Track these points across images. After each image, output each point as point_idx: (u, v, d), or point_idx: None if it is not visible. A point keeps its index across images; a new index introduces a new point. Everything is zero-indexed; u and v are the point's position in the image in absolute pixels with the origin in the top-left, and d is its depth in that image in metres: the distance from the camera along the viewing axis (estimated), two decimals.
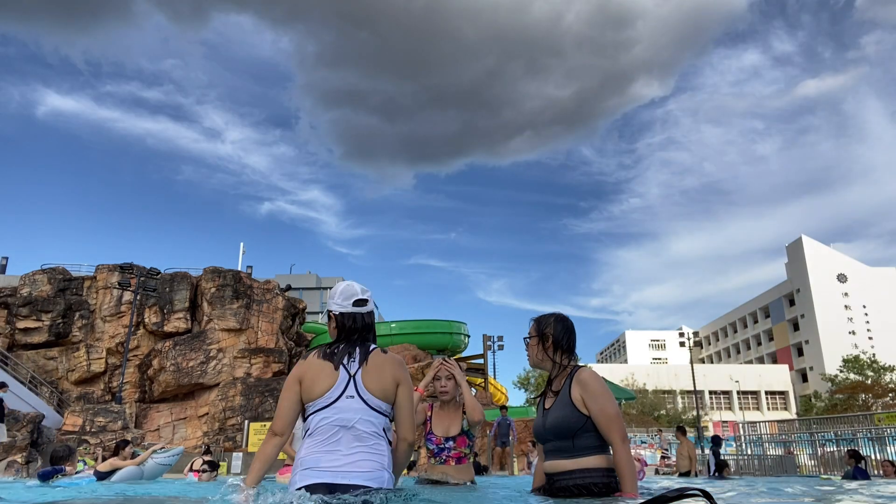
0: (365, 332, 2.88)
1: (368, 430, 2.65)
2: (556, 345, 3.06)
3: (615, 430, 2.74)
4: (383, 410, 2.71)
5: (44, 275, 30.42)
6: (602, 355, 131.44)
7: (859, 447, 17.87)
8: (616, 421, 2.76)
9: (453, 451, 4.08)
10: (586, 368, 2.95)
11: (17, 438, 20.29)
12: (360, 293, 2.92)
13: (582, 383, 2.84)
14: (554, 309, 55.41)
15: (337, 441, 2.62)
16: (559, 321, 3.14)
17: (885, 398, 50.87)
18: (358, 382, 2.70)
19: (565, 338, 3.08)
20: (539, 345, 3.09)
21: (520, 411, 34.80)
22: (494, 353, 41.82)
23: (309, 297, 68.29)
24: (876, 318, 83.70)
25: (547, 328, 3.10)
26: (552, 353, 3.05)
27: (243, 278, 32.64)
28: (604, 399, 2.79)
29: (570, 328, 3.13)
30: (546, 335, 3.09)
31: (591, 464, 2.76)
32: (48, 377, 28.49)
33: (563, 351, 3.05)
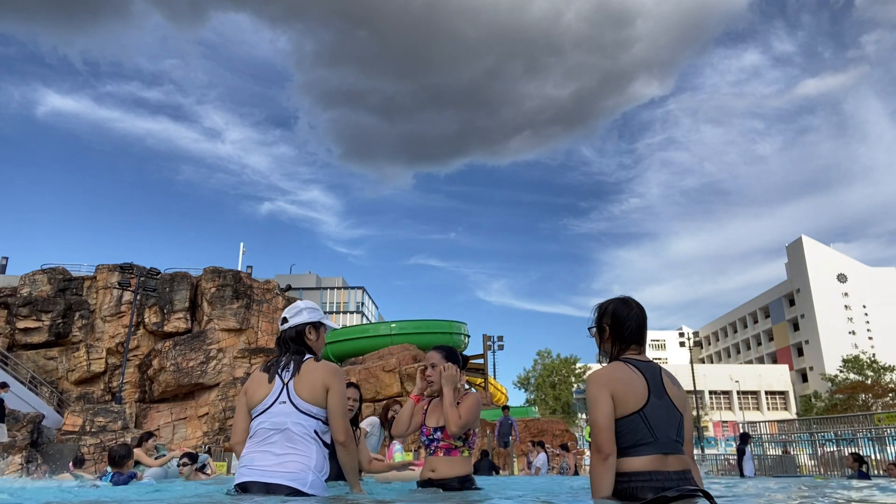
0: (296, 344, 3.18)
1: (300, 432, 2.90)
2: (613, 336, 2.74)
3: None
4: (314, 414, 2.96)
5: (44, 275, 30.42)
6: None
7: (859, 447, 17.88)
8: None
9: (441, 441, 3.86)
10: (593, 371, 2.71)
11: (17, 438, 20.28)
12: (286, 311, 3.30)
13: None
14: (554, 308, 54.64)
15: (272, 443, 2.89)
16: (619, 307, 2.78)
17: (885, 398, 50.85)
18: (290, 389, 2.98)
19: (620, 328, 2.74)
20: (597, 336, 2.82)
21: (520, 411, 34.81)
22: (494, 353, 41.83)
23: (309, 297, 68.28)
24: (876, 318, 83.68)
25: (605, 318, 2.78)
26: (610, 347, 2.76)
27: (243, 278, 32.64)
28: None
29: (629, 317, 2.74)
30: (602, 326, 2.79)
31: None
32: (48, 377, 28.48)
33: (620, 343, 2.73)
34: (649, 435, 2.48)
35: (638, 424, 2.49)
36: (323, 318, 3.34)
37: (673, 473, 2.46)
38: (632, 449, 2.49)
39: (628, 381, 2.54)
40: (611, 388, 2.52)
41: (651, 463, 2.46)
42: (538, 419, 29.52)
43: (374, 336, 32.72)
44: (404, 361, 26.44)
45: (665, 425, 2.52)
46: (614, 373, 2.58)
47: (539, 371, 66.93)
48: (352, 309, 77.33)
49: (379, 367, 26.27)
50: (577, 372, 65.60)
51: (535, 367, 68.01)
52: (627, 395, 2.51)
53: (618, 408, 2.51)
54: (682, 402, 2.64)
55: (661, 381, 2.61)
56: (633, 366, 2.60)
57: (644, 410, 2.50)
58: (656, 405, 2.53)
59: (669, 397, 2.59)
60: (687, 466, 2.53)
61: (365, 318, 74.48)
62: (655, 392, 2.55)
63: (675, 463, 2.50)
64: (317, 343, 3.28)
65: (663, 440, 2.50)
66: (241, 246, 47.87)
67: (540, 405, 61.57)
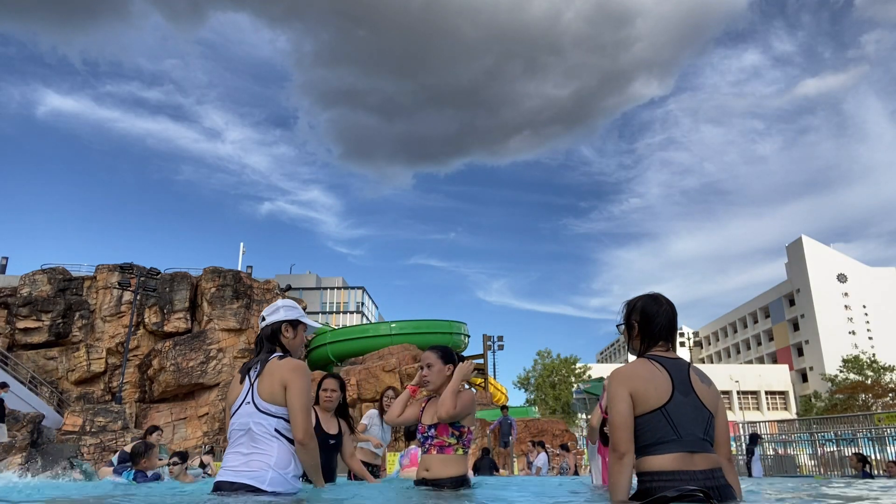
0: (270, 343, 3.20)
1: (261, 431, 2.94)
2: (642, 334, 2.65)
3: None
4: (273, 412, 2.96)
5: (44, 275, 30.42)
6: (602, 355, 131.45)
7: (859, 447, 17.88)
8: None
9: (435, 439, 3.83)
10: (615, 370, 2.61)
11: (17, 438, 20.27)
12: (265, 310, 3.31)
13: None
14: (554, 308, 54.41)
15: (241, 444, 2.96)
16: (648, 303, 2.68)
17: (885, 398, 50.82)
18: (254, 389, 3.02)
19: (649, 325, 2.64)
20: (626, 333, 2.74)
21: (520, 411, 34.81)
22: (494, 353, 41.80)
23: (309, 297, 68.29)
24: (876, 318, 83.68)
25: (633, 314, 2.70)
26: (638, 345, 2.66)
27: (243, 278, 32.64)
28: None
29: (658, 313, 2.64)
30: (631, 323, 2.71)
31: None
32: (48, 377, 28.48)
33: (649, 340, 2.63)
34: (672, 433, 2.38)
35: (660, 422, 2.40)
36: (301, 317, 3.31)
37: (699, 473, 2.34)
38: (653, 447, 2.40)
39: (650, 378, 2.46)
40: (630, 386, 2.45)
41: (675, 462, 2.35)
42: (538, 419, 29.52)
43: (374, 336, 32.73)
44: (404, 361, 26.44)
45: (691, 423, 2.42)
46: (636, 370, 2.50)
47: (539, 371, 66.89)
48: (352, 309, 77.32)
49: (379, 367, 26.28)
50: (577, 372, 65.57)
51: (535, 367, 67.98)
52: (648, 391, 2.42)
53: (638, 405, 2.42)
54: (713, 400, 2.53)
55: (689, 378, 2.50)
56: (657, 363, 2.51)
57: (666, 407, 2.40)
58: (681, 402, 2.43)
59: (697, 395, 2.48)
60: (716, 465, 2.41)
61: (365, 318, 74.48)
62: (680, 389, 2.45)
63: (702, 462, 2.38)
64: (294, 341, 3.25)
65: (688, 438, 2.39)
66: (241, 246, 47.85)
67: (540, 405, 61.52)
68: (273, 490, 2.84)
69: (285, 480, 2.90)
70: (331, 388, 5.12)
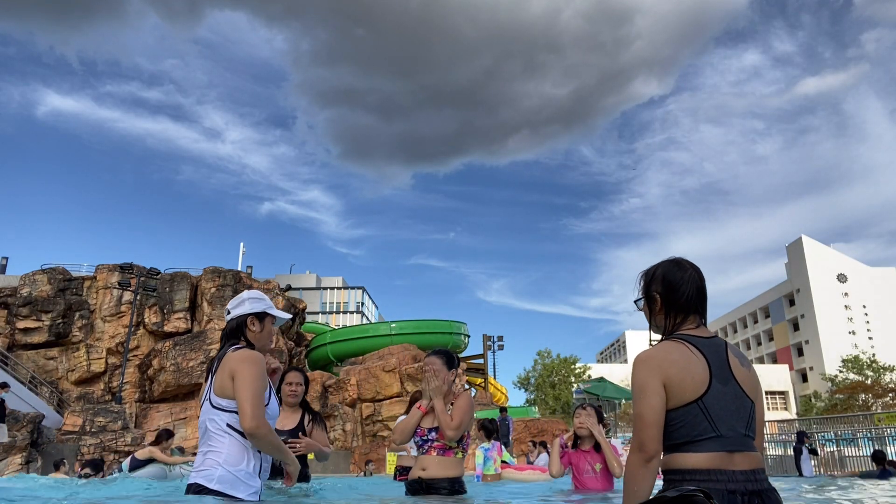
0: (233, 338, 3.09)
1: (213, 428, 2.87)
2: (666, 307, 2.23)
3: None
4: (224, 406, 2.88)
5: (44, 275, 30.40)
6: (602, 355, 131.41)
7: (859, 447, 17.89)
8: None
9: (435, 441, 3.83)
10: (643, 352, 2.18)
11: (17, 438, 20.27)
12: (230, 303, 3.20)
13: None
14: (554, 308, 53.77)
15: (202, 443, 2.93)
16: (670, 269, 2.27)
17: (885, 398, 50.83)
18: (211, 386, 2.95)
19: (674, 295, 2.22)
20: (647, 308, 2.32)
21: (520, 411, 34.79)
22: (494, 353, 41.83)
23: (309, 297, 68.29)
24: (876, 318, 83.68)
25: (654, 284, 2.28)
26: (664, 321, 2.25)
27: (243, 278, 32.63)
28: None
29: (682, 280, 2.23)
30: (652, 295, 2.28)
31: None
32: (48, 377, 28.47)
33: (675, 314, 2.22)
34: (711, 429, 2.02)
35: (696, 416, 2.03)
36: (269, 308, 3.16)
37: (739, 474, 2.00)
38: (689, 445, 2.04)
39: (685, 365, 2.06)
40: (663, 374, 2.04)
41: (712, 461, 2.01)
42: (538, 419, 29.52)
43: (374, 336, 32.72)
44: (404, 361, 26.43)
45: (731, 417, 2.06)
46: (668, 354, 2.09)
47: (539, 371, 66.93)
48: (352, 309, 77.33)
49: (379, 367, 26.27)
50: (577, 372, 65.59)
51: (535, 367, 68.02)
52: (684, 381, 2.04)
53: (672, 397, 2.04)
54: (754, 386, 2.16)
55: (727, 363, 2.12)
56: (691, 344, 2.11)
57: (704, 399, 2.03)
58: (720, 393, 2.06)
59: (738, 382, 2.11)
60: (758, 465, 2.07)
61: (365, 318, 74.48)
62: (719, 376, 2.08)
63: (744, 461, 2.03)
64: (261, 335, 3.11)
65: (729, 435, 2.03)
66: (241, 246, 47.86)
67: (540, 405, 61.56)
68: (220, 489, 2.75)
69: (236, 478, 2.79)
70: (296, 382, 4.99)
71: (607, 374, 59.57)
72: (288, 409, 4.94)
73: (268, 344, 3.15)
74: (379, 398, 25.53)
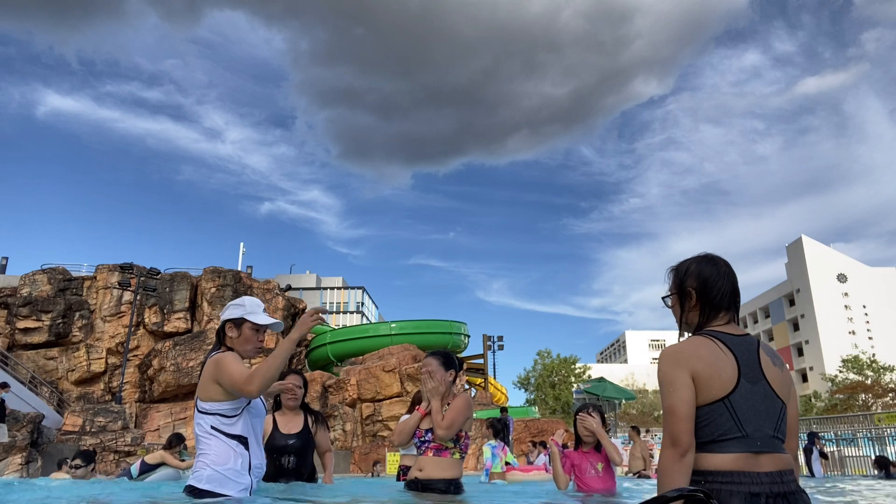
0: (218, 343, 3.17)
1: (200, 432, 2.99)
2: (701, 303, 2.17)
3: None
4: (207, 409, 2.98)
5: (44, 275, 30.40)
6: (602, 355, 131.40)
7: (859, 447, 17.89)
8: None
9: (432, 443, 3.81)
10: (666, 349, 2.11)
11: (17, 438, 20.27)
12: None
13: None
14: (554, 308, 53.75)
15: (196, 447, 3.03)
16: (704, 264, 2.22)
17: (885, 398, 50.82)
18: (197, 392, 3.08)
19: (708, 291, 2.16)
20: (678, 304, 2.24)
21: (520, 411, 34.79)
22: (494, 353, 41.80)
23: (309, 297, 68.29)
24: (876, 318, 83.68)
25: (688, 279, 2.21)
26: (697, 317, 2.18)
27: (243, 278, 32.63)
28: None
29: (719, 275, 2.19)
30: (686, 291, 2.20)
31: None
32: (48, 377, 28.47)
33: (709, 311, 2.16)
34: (736, 429, 1.95)
35: (722, 415, 1.96)
36: (248, 314, 3.13)
37: (764, 476, 1.91)
38: (712, 445, 1.96)
39: (713, 361, 1.99)
40: (691, 368, 1.98)
41: (737, 462, 1.93)
42: (538, 419, 29.52)
43: (374, 336, 32.71)
44: (404, 361, 26.42)
45: (759, 417, 1.98)
46: (696, 349, 2.02)
47: (539, 371, 66.92)
48: (352, 309, 77.32)
49: (379, 367, 26.27)
50: (577, 372, 65.59)
51: (535, 367, 68.01)
52: (711, 377, 1.97)
53: (698, 394, 1.97)
54: (786, 386, 2.08)
55: (758, 361, 2.05)
56: (720, 341, 2.05)
57: (731, 398, 1.96)
58: (748, 392, 1.99)
59: (768, 382, 2.03)
60: (785, 467, 1.97)
61: (365, 318, 74.47)
62: (748, 375, 2.01)
63: (770, 463, 1.95)
64: (238, 340, 3.12)
65: (756, 436, 1.95)
66: (241, 246, 47.88)
67: (540, 405, 61.56)
68: (210, 488, 2.85)
69: (225, 477, 2.88)
70: (296, 385, 5.00)
71: (607, 374, 59.63)
72: (289, 412, 4.96)
73: (249, 350, 3.14)
74: (379, 398, 25.52)
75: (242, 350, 3.12)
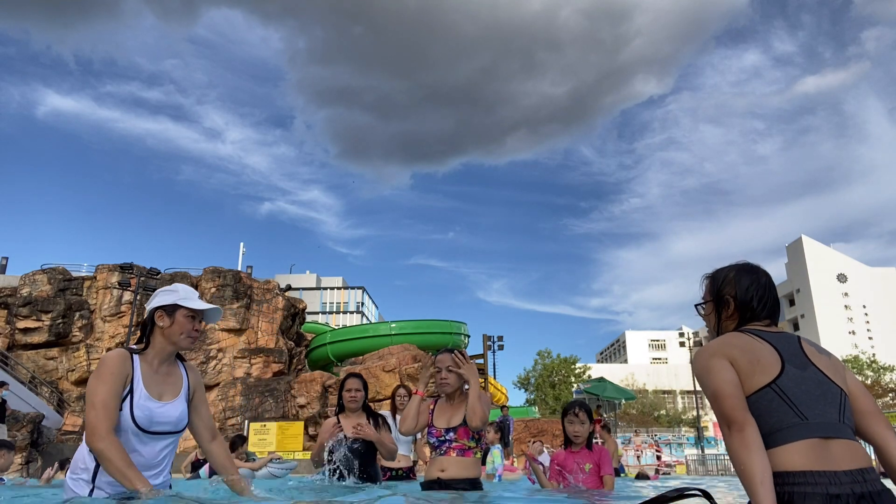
0: (143, 335, 2.92)
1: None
2: (740, 312, 2.06)
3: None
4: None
5: (44, 275, 30.40)
6: (602, 355, 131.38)
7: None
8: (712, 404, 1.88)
9: (455, 442, 3.79)
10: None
11: (17, 438, 20.27)
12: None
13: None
14: (554, 308, 53.95)
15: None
16: (744, 273, 2.10)
17: (885, 398, 50.85)
18: None
19: (749, 300, 2.04)
20: (714, 313, 2.13)
21: (520, 411, 34.83)
22: (494, 353, 41.76)
23: (309, 297, 68.32)
24: (876, 318, 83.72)
25: (726, 287, 2.10)
26: (734, 326, 2.07)
27: (243, 278, 32.63)
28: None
29: (759, 285, 2.06)
30: (724, 299, 2.10)
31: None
32: (48, 377, 28.48)
33: (749, 321, 2.04)
34: (793, 414, 1.77)
35: (772, 401, 1.79)
36: (182, 300, 2.86)
37: (843, 475, 1.70)
38: (771, 437, 1.77)
39: (749, 349, 1.87)
40: (727, 356, 1.86)
41: (808, 454, 1.72)
42: (538, 419, 29.53)
43: (374, 336, 32.73)
44: (404, 361, 26.44)
45: (818, 402, 1.80)
46: (729, 339, 1.93)
47: (539, 371, 66.91)
48: (352, 309, 77.34)
49: (379, 367, 26.28)
50: (577, 372, 65.59)
51: (535, 367, 68.00)
52: (750, 363, 1.84)
53: (741, 382, 1.83)
54: (839, 373, 1.92)
55: (801, 350, 1.92)
56: (755, 335, 1.93)
57: (778, 382, 1.81)
58: (797, 377, 1.83)
59: (818, 367, 1.88)
60: (866, 463, 1.76)
61: (365, 318, 74.49)
62: (793, 361, 1.86)
63: (846, 456, 1.74)
64: (170, 329, 2.82)
65: (818, 420, 1.77)
66: (241, 246, 47.79)
67: (540, 405, 61.54)
68: (66, 495, 2.69)
69: (75, 482, 2.68)
70: (354, 388, 5.01)
71: (607, 374, 59.61)
72: (352, 414, 4.97)
73: (184, 340, 2.85)
74: (379, 398, 25.52)
75: (175, 341, 2.83)
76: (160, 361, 2.85)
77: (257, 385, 28.96)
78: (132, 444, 2.66)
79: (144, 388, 2.72)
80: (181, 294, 2.90)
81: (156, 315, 2.85)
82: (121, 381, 2.65)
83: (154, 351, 2.83)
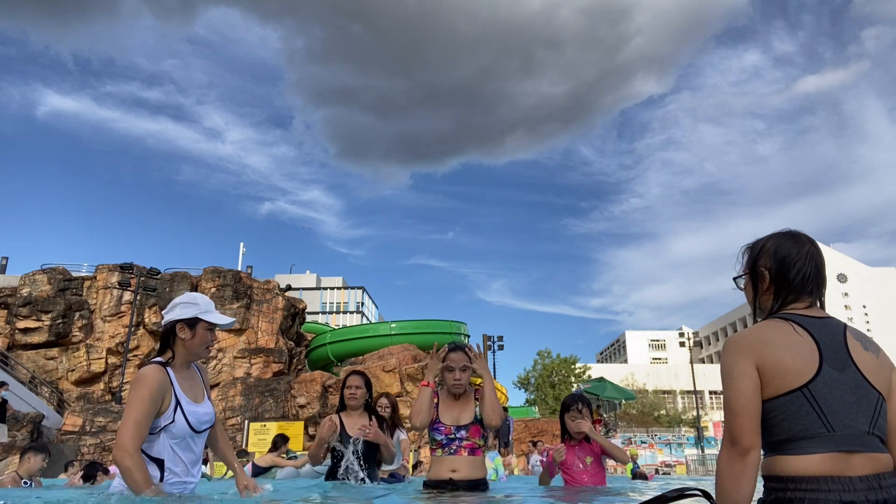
0: (162, 345, 3.03)
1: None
2: (777, 285, 1.87)
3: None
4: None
5: (44, 275, 30.40)
6: (602, 355, 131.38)
7: None
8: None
9: (465, 441, 3.70)
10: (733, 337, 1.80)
11: (17, 438, 20.29)
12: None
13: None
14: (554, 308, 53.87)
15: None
16: (783, 242, 1.90)
17: None
18: None
19: (787, 271, 1.85)
20: (751, 286, 1.95)
21: (520, 411, 34.79)
22: (494, 353, 41.79)
23: (309, 297, 68.31)
24: (876, 318, 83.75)
25: (762, 258, 1.91)
26: (771, 302, 1.88)
27: (243, 278, 32.63)
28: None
29: (799, 255, 1.87)
30: (759, 271, 1.91)
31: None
32: (48, 377, 28.47)
33: (787, 294, 1.85)
34: (820, 424, 1.64)
35: (801, 408, 1.65)
36: (203, 314, 2.96)
37: (858, 481, 1.60)
38: (790, 444, 1.66)
39: (785, 345, 1.70)
40: (756, 355, 1.69)
41: (824, 464, 1.61)
42: (538, 419, 29.53)
43: (374, 336, 32.71)
44: (404, 361, 26.44)
45: (849, 410, 1.65)
46: (764, 333, 1.74)
47: (539, 371, 66.90)
48: (352, 309, 77.34)
49: (379, 367, 26.27)
50: (577, 372, 65.58)
51: (535, 367, 67.99)
52: (783, 362, 1.67)
53: (768, 383, 1.67)
54: (883, 374, 1.74)
55: (845, 346, 1.74)
56: (796, 324, 1.75)
57: (811, 387, 1.65)
58: (833, 380, 1.67)
59: (858, 369, 1.70)
60: (884, 468, 1.65)
61: (365, 318, 74.48)
62: (832, 360, 1.69)
63: (864, 464, 1.62)
64: (192, 342, 2.94)
65: (845, 433, 1.63)
66: (241, 246, 47.79)
67: (540, 405, 61.52)
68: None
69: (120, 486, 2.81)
70: (355, 385, 4.90)
71: (607, 374, 59.57)
72: (354, 413, 4.89)
73: (203, 351, 3.00)
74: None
75: (195, 353, 2.98)
76: (184, 368, 3.03)
77: (257, 385, 28.96)
78: (189, 446, 2.91)
79: (185, 395, 2.91)
80: (202, 307, 3.00)
81: (177, 327, 2.96)
82: (159, 400, 2.79)
83: (178, 360, 2.98)
